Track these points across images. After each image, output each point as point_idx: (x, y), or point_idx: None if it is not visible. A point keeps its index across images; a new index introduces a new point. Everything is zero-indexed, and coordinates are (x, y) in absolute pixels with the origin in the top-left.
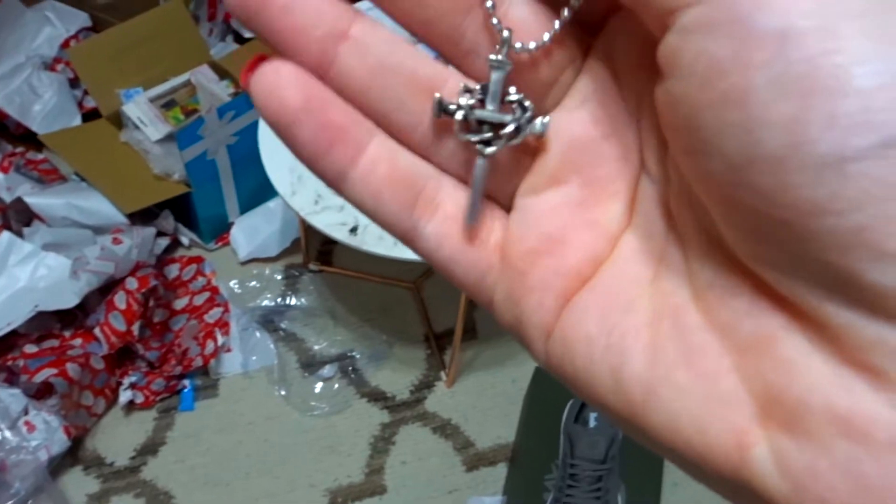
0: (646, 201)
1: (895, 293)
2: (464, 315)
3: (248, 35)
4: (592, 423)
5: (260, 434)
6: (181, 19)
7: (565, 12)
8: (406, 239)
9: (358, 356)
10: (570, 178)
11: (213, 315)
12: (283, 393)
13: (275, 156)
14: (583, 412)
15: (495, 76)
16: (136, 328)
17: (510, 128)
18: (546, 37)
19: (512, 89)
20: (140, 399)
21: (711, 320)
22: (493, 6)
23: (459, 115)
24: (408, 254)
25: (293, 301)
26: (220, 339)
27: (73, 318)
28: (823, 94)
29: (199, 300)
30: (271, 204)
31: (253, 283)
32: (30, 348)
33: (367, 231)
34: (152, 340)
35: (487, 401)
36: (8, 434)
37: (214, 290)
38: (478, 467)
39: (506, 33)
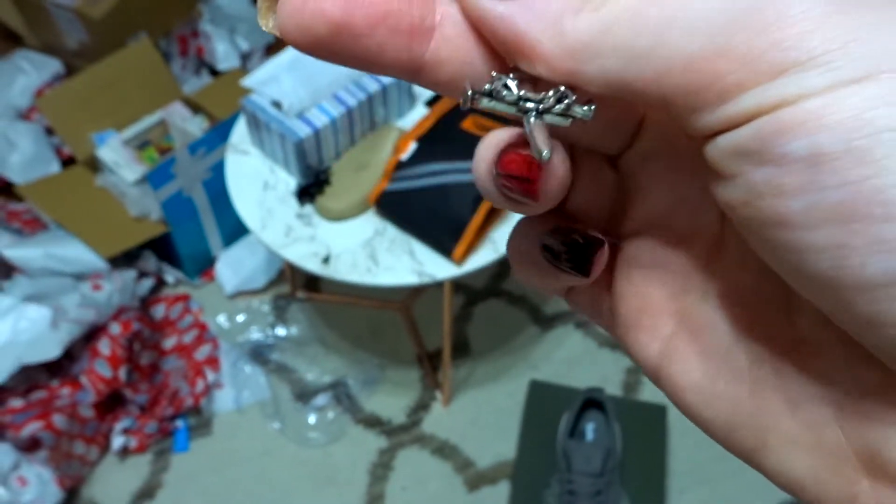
0: (734, 245)
1: None
2: (451, 332)
3: (221, 68)
4: (589, 437)
5: (257, 470)
6: (150, 58)
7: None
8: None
9: (351, 382)
10: (654, 222)
11: (202, 352)
12: (277, 426)
13: (243, 191)
14: (578, 425)
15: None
16: (122, 373)
17: (559, 107)
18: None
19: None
20: (133, 444)
21: (808, 371)
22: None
23: (507, 91)
24: (380, 280)
25: (283, 332)
26: (211, 377)
27: (60, 367)
28: (866, 220)
29: (187, 338)
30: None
31: (241, 316)
32: (15, 402)
33: (340, 260)
34: (141, 383)
35: (485, 417)
36: (0, 490)
37: (202, 327)
38: (479, 487)
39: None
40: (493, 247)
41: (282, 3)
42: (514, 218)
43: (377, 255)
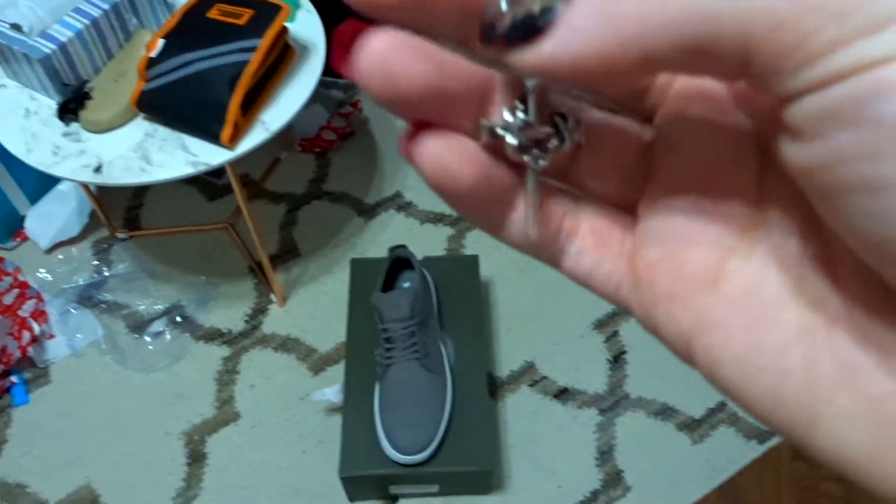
0: (776, 207)
1: None
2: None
3: None
4: (399, 289)
5: (105, 404)
6: None
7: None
8: (553, 261)
9: (186, 304)
10: (690, 184)
11: (26, 308)
12: (117, 360)
13: (5, 123)
14: (392, 285)
15: (530, 89)
16: None
17: (554, 143)
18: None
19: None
20: None
21: (867, 339)
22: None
23: (510, 139)
24: (155, 177)
25: (108, 272)
26: (37, 328)
27: None
28: None
29: (8, 299)
30: (62, 187)
31: (62, 267)
32: None
33: (112, 166)
34: None
35: (322, 308)
36: None
37: (24, 285)
38: (324, 369)
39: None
40: (263, 127)
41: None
42: (285, 96)
43: (150, 156)
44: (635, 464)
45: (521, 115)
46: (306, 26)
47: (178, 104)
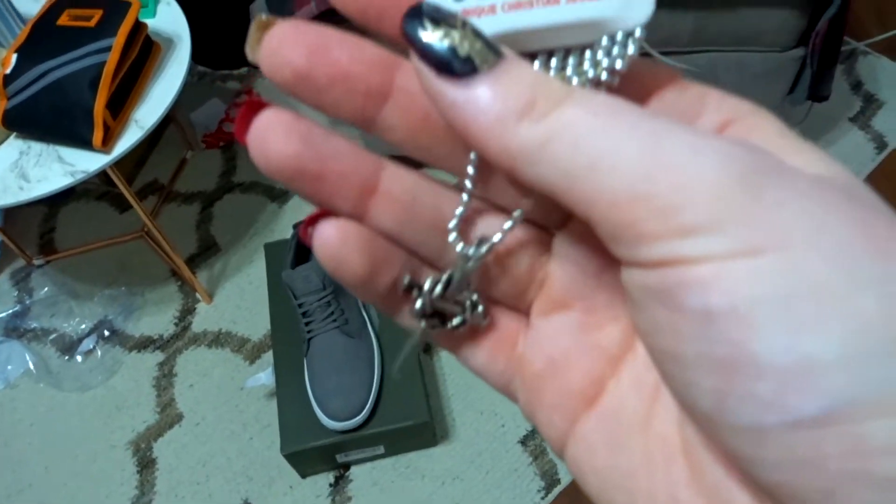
0: (640, 338)
1: None
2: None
3: None
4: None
5: (46, 430)
6: None
7: (516, 213)
8: (449, 349)
9: (112, 318)
10: (574, 303)
11: None
12: (52, 384)
13: None
14: (303, 258)
15: (457, 274)
16: None
17: (456, 321)
18: (497, 238)
19: (471, 285)
20: None
21: (697, 480)
22: (458, 226)
23: (418, 304)
24: (34, 193)
25: (30, 300)
26: None
27: None
28: (742, 376)
29: None
30: None
31: None
32: None
33: None
34: None
35: (248, 298)
36: None
37: None
38: (259, 356)
39: (471, 250)
40: (137, 125)
41: (263, 41)
42: (155, 92)
43: (27, 173)
44: None
45: (440, 288)
46: (169, 20)
47: (44, 116)
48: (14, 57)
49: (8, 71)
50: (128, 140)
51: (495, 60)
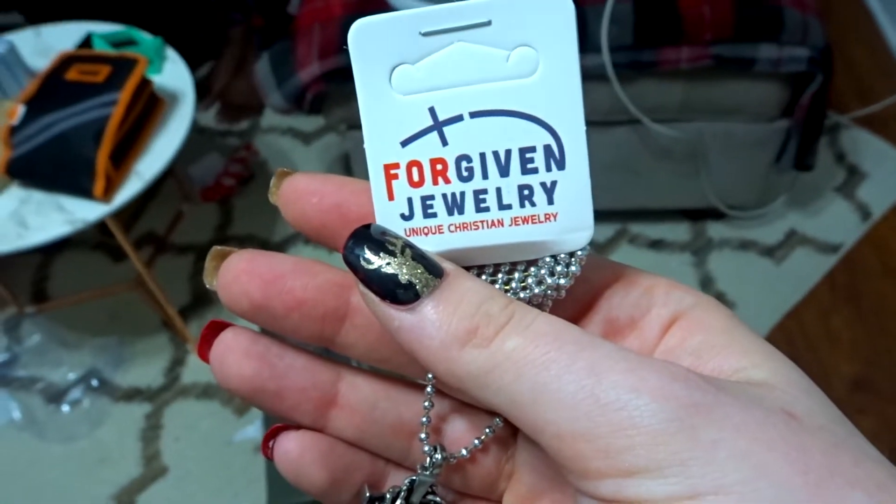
0: None
1: None
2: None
3: None
4: None
5: (27, 481)
6: None
7: (487, 430)
8: None
9: (101, 367)
10: (544, 495)
11: None
12: (36, 435)
13: None
14: None
15: (420, 487)
16: None
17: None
18: (465, 452)
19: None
20: None
21: None
22: (426, 434)
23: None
24: (32, 241)
25: (19, 348)
26: None
27: None
28: None
29: None
30: None
31: None
32: None
33: None
34: None
35: None
36: None
37: None
38: (248, 409)
39: (437, 456)
40: (138, 177)
41: (220, 273)
42: (158, 145)
43: (27, 221)
44: None
45: (400, 502)
46: (174, 76)
47: (47, 166)
48: (21, 108)
49: (16, 122)
50: (128, 191)
51: (437, 284)
